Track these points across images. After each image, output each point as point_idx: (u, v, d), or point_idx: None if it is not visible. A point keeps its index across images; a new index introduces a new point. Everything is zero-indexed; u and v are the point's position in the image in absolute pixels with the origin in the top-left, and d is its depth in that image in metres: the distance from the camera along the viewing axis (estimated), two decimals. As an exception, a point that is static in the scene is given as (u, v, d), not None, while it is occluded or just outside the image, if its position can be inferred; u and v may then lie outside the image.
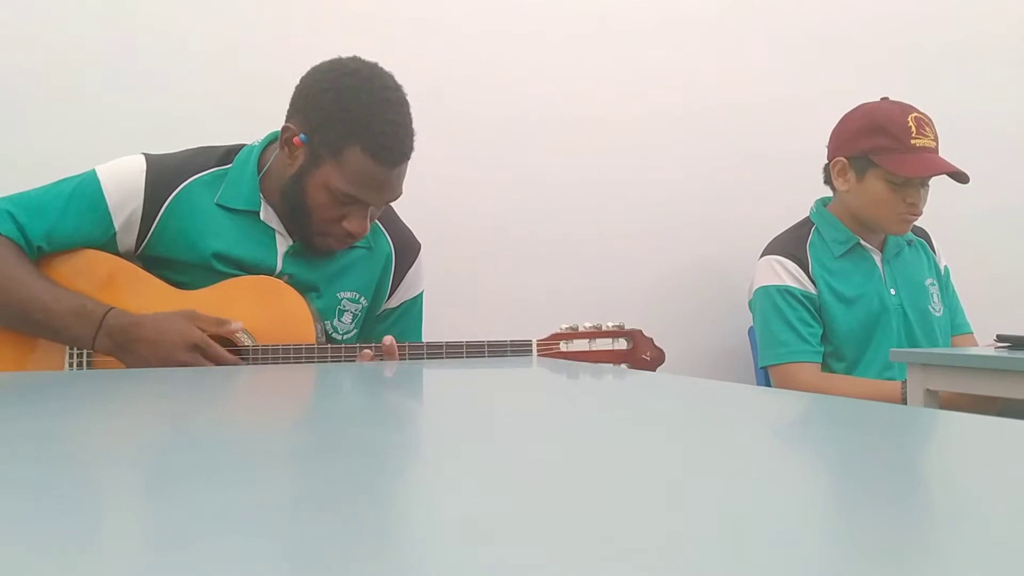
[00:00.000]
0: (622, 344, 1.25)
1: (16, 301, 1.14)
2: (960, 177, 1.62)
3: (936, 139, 1.63)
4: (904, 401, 1.42)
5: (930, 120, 1.64)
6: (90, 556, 0.21)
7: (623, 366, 1.24)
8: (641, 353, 1.24)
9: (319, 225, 1.22)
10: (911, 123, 1.61)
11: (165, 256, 1.23)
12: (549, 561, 0.20)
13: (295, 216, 1.23)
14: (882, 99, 1.69)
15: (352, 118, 1.15)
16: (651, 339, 1.26)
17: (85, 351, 1.19)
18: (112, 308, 1.15)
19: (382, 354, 1.18)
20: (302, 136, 1.19)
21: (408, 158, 1.20)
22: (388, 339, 1.19)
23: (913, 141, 1.60)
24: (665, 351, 1.26)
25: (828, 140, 1.73)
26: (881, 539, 0.22)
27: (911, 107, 1.64)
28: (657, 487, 0.29)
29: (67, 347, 1.19)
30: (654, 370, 1.24)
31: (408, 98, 1.22)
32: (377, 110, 1.16)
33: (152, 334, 1.13)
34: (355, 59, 1.21)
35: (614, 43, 1.99)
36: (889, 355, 1.49)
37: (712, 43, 2.06)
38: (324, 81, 1.19)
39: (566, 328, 1.25)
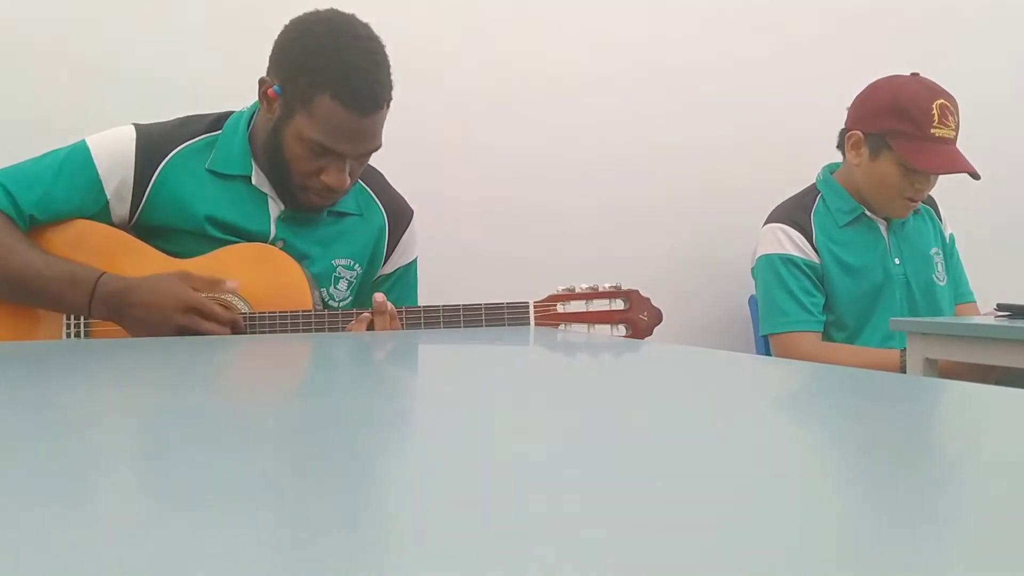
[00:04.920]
0: (619, 305, 1.24)
1: (10, 270, 1.14)
2: (972, 175, 1.59)
3: (957, 128, 1.60)
4: (903, 370, 1.42)
5: (955, 107, 1.60)
6: (87, 522, 0.21)
7: (621, 327, 1.24)
8: (638, 313, 1.24)
9: (298, 178, 1.20)
10: (935, 110, 1.57)
11: (159, 225, 1.22)
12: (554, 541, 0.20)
13: (275, 170, 1.22)
14: (912, 75, 1.64)
15: (320, 65, 1.14)
16: (648, 299, 1.25)
17: (83, 319, 1.18)
18: (103, 273, 1.14)
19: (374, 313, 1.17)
20: (276, 87, 1.18)
21: (381, 107, 1.18)
22: (379, 296, 1.17)
23: (933, 130, 1.57)
24: (664, 317, 1.26)
25: (851, 103, 1.70)
26: (881, 507, 0.22)
27: (939, 91, 1.60)
28: (661, 461, 0.29)
29: (64, 316, 1.19)
30: (651, 330, 1.24)
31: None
32: (346, 57, 1.14)
33: (146, 298, 1.12)
34: (331, 10, 1.20)
35: (618, 8, 1.97)
36: (889, 325, 1.48)
37: (721, 9, 2.03)
38: (295, 31, 1.18)
39: (563, 290, 1.24)
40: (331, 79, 1.13)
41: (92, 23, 1.65)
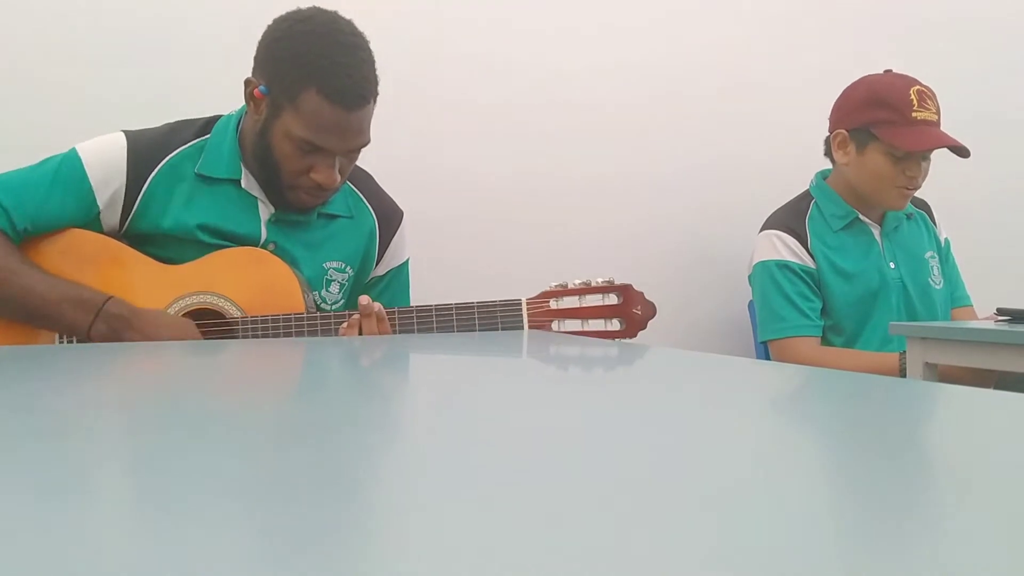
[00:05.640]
0: (612, 299, 1.23)
1: (10, 291, 1.13)
2: (961, 151, 1.60)
3: (938, 112, 1.62)
4: (903, 373, 1.41)
5: (933, 93, 1.62)
6: (80, 526, 0.20)
7: (615, 321, 1.23)
8: (632, 307, 1.22)
9: (287, 178, 1.20)
10: (913, 96, 1.59)
11: (150, 232, 1.22)
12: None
13: (264, 171, 1.21)
14: (885, 71, 1.67)
15: (306, 62, 1.14)
16: (641, 293, 1.24)
17: (75, 338, 1.17)
18: (112, 297, 1.14)
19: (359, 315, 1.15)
20: (262, 88, 1.17)
21: (368, 102, 1.18)
22: (364, 298, 1.16)
23: (914, 114, 1.59)
24: (665, 322, 1.24)
25: (830, 112, 1.72)
26: (881, 512, 0.22)
27: (914, 80, 1.63)
28: (660, 466, 0.28)
29: (56, 335, 1.18)
30: (646, 324, 1.23)
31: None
32: (330, 52, 1.14)
33: (147, 329, 1.12)
34: (313, 8, 1.20)
35: (615, 14, 1.96)
36: (888, 328, 1.48)
37: (718, 16, 2.03)
38: (278, 30, 1.18)
39: (556, 286, 1.23)
40: (316, 75, 1.13)
41: (83, 26, 1.64)
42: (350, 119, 1.16)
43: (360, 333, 1.14)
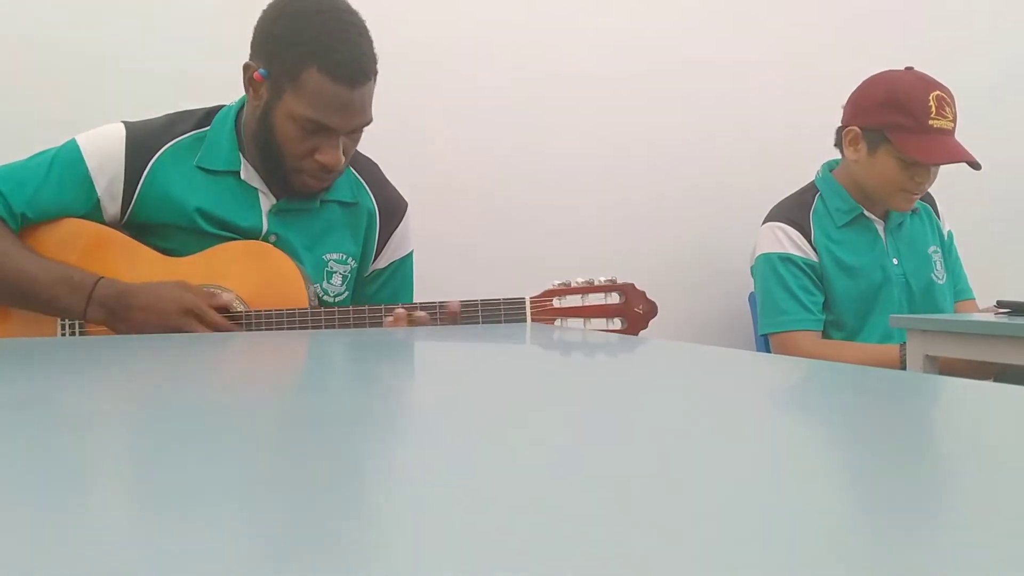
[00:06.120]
0: (615, 298, 1.25)
1: (5, 273, 1.13)
2: (974, 165, 1.59)
3: (955, 119, 1.60)
4: (903, 366, 1.41)
5: (951, 98, 1.60)
6: (78, 520, 0.20)
7: (616, 320, 1.24)
8: (634, 307, 1.23)
9: (291, 161, 1.19)
10: (932, 102, 1.57)
11: (151, 222, 1.21)
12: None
13: (267, 157, 1.21)
14: (907, 68, 1.64)
15: (304, 40, 1.13)
16: (643, 292, 1.25)
17: (77, 322, 1.18)
18: (101, 277, 1.14)
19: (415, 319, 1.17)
20: (262, 71, 1.17)
21: (369, 79, 1.17)
22: (402, 308, 1.18)
23: (931, 122, 1.56)
24: (665, 314, 1.25)
25: (845, 102, 1.70)
26: (880, 504, 0.22)
27: (935, 83, 1.60)
28: (660, 458, 0.28)
29: (58, 319, 1.18)
30: (647, 323, 1.24)
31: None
32: (329, 29, 1.14)
33: (146, 300, 1.11)
34: None
35: (618, 5, 1.96)
36: (889, 321, 1.48)
37: (721, 6, 2.03)
38: (274, 11, 1.18)
39: (558, 284, 1.24)
40: (316, 53, 1.13)
41: (83, 19, 1.64)
42: (352, 96, 1.15)
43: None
